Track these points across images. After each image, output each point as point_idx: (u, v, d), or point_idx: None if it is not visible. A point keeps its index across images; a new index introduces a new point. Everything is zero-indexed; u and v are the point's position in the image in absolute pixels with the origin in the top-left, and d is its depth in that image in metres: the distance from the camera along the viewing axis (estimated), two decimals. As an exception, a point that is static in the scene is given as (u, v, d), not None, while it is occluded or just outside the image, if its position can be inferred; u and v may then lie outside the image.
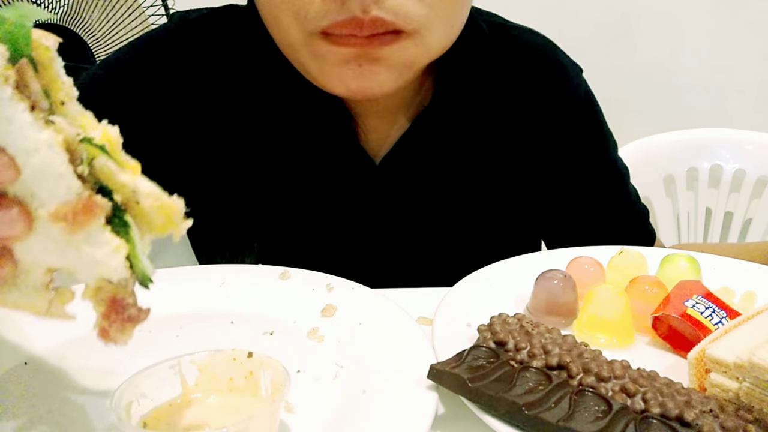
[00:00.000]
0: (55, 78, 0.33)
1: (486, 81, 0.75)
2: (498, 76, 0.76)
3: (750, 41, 1.68)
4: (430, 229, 0.77)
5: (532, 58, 0.78)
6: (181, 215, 0.35)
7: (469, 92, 0.74)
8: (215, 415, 0.43)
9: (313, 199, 0.74)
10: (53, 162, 0.30)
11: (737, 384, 0.42)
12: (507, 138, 0.77)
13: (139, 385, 0.42)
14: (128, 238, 0.34)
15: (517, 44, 0.79)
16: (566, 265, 0.62)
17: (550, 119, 0.78)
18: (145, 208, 0.34)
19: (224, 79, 0.73)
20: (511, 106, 0.77)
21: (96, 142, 0.33)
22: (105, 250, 0.32)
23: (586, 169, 0.81)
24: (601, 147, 0.83)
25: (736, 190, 1.46)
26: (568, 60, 0.81)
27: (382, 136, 0.73)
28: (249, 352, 0.45)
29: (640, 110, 1.71)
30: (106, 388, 0.48)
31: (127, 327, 0.36)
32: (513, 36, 0.79)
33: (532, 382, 0.45)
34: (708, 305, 0.53)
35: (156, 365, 0.43)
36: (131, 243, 0.34)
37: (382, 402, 0.46)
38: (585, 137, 0.81)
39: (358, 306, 0.58)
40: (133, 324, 0.36)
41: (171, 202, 0.34)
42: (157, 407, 0.43)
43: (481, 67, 0.75)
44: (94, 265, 0.33)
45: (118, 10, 1.46)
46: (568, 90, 0.80)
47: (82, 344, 0.55)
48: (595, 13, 1.67)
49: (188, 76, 0.72)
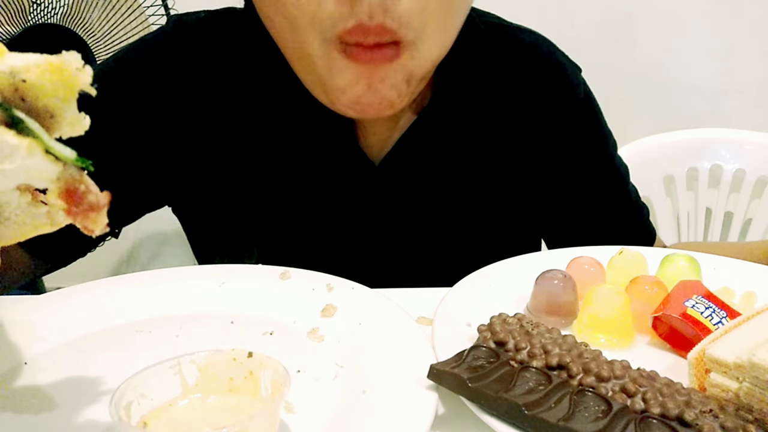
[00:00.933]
0: None
1: (485, 82, 0.75)
2: (497, 77, 0.76)
3: (750, 41, 1.68)
4: (430, 230, 0.77)
5: (531, 59, 0.78)
6: (74, 66, 0.32)
7: (468, 93, 0.74)
8: (215, 415, 0.43)
9: (312, 200, 0.74)
10: None
11: (737, 384, 0.42)
12: (506, 138, 0.77)
13: (139, 385, 0.42)
14: (32, 132, 0.32)
15: (516, 44, 0.79)
16: (566, 265, 0.62)
17: (549, 119, 0.78)
18: (32, 81, 0.32)
19: (223, 81, 0.73)
20: (511, 106, 0.77)
21: None
22: (20, 157, 0.31)
23: (586, 168, 0.81)
24: (601, 146, 0.83)
25: (736, 190, 1.46)
26: (568, 60, 0.81)
27: (381, 137, 0.73)
28: (249, 352, 0.45)
29: (640, 110, 1.71)
30: (106, 388, 0.49)
31: (92, 216, 0.35)
32: (511, 36, 0.79)
33: (532, 382, 0.45)
34: (708, 305, 0.53)
35: (156, 365, 0.43)
36: (37, 135, 0.32)
37: (382, 402, 0.46)
38: (585, 137, 0.81)
39: (358, 306, 0.58)
40: (97, 212, 0.35)
41: (55, 60, 0.32)
42: (157, 407, 0.43)
43: (480, 68, 0.75)
44: (24, 173, 0.31)
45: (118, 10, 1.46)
46: (568, 90, 0.79)
47: (82, 344, 0.55)
48: (595, 13, 1.67)
49: (187, 79, 0.72)
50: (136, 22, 1.47)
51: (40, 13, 1.42)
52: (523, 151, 0.78)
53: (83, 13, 1.45)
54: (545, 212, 0.82)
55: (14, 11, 1.39)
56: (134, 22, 1.48)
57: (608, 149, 0.84)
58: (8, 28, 1.40)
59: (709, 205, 1.48)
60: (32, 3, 1.42)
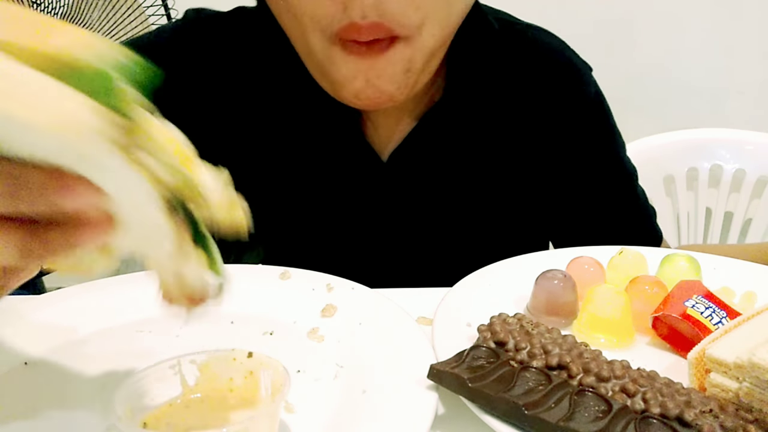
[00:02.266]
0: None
1: (496, 78, 0.75)
2: (508, 74, 0.76)
3: (750, 41, 1.68)
4: (436, 228, 0.76)
5: (543, 57, 0.78)
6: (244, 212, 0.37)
7: (479, 89, 0.74)
8: (215, 415, 0.43)
9: (318, 195, 0.74)
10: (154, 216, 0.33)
11: (737, 384, 0.42)
12: (516, 136, 0.77)
13: (139, 385, 0.42)
14: (207, 249, 0.37)
15: (528, 42, 0.79)
16: (566, 265, 0.62)
17: (560, 118, 0.78)
18: (211, 201, 0.36)
19: (231, 76, 0.73)
20: (521, 104, 0.77)
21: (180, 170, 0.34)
22: (192, 266, 0.36)
23: (595, 168, 0.81)
24: (610, 147, 0.83)
25: (736, 190, 1.46)
26: (579, 60, 0.81)
27: (389, 132, 0.73)
28: (249, 352, 0.45)
29: (640, 110, 1.71)
30: (106, 389, 0.48)
31: (193, 307, 0.39)
32: (523, 33, 0.79)
33: (532, 382, 0.45)
34: (708, 305, 0.53)
35: (156, 365, 0.43)
36: (210, 252, 0.37)
37: (382, 402, 0.46)
38: (595, 137, 0.81)
39: (358, 306, 0.58)
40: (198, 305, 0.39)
41: (235, 197, 0.37)
42: (157, 407, 0.43)
43: (492, 64, 0.75)
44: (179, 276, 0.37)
45: (118, 10, 1.46)
46: (579, 89, 0.79)
47: (82, 344, 0.55)
48: (595, 13, 1.67)
49: (197, 73, 0.73)
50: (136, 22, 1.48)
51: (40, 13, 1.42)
52: (533, 150, 0.78)
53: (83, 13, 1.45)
54: (553, 212, 0.82)
55: (14, 11, 1.39)
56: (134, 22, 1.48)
57: (617, 150, 0.84)
58: (8, 28, 1.40)
59: (709, 205, 1.48)
60: (32, 3, 1.42)
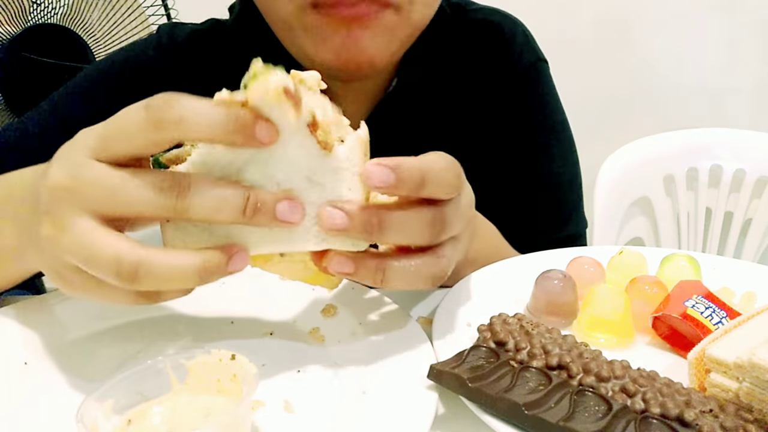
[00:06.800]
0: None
1: (445, 63, 0.75)
2: (456, 58, 0.76)
3: (749, 41, 1.68)
4: None
5: (485, 36, 0.78)
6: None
7: (429, 76, 0.74)
8: (200, 416, 0.43)
9: None
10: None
11: (737, 384, 0.42)
12: (464, 118, 0.77)
13: (127, 383, 0.42)
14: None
15: (476, 23, 0.78)
16: (566, 265, 0.62)
17: (490, 88, 0.77)
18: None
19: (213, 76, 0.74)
20: (467, 86, 0.77)
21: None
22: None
23: (512, 149, 0.78)
24: (537, 130, 0.79)
25: (736, 190, 1.46)
26: (523, 37, 0.79)
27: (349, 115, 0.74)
28: (232, 355, 0.44)
29: (640, 110, 1.71)
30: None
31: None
32: (472, 14, 0.79)
33: (532, 382, 0.45)
34: (708, 305, 0.53)
35: (145, 364, 0.43)
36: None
37: (382, 402, 0.46)
38: (519, 116, 0.78)
39: (358, 306, 0.58)
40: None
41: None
42: (143, 406, 0.42)
43: (441, 50, 0.75)
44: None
45: (118, 10, 1.46)
46: (510, 62, 0.77)
47: (83, 344, 0.55)
48: (595, 13, 1.67)
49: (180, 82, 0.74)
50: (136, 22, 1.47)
51: (40, 13, 1.42)
52: (476, 128, 0.77)
53: (83, 13, 1.45)
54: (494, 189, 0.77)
55: (14, 11, 1.39)
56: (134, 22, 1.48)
57: (546, 137, 0.80)
58: (8, 28, 1.40)
59: (709, 205, 1.48)
60: (32, 3, 1.42)
